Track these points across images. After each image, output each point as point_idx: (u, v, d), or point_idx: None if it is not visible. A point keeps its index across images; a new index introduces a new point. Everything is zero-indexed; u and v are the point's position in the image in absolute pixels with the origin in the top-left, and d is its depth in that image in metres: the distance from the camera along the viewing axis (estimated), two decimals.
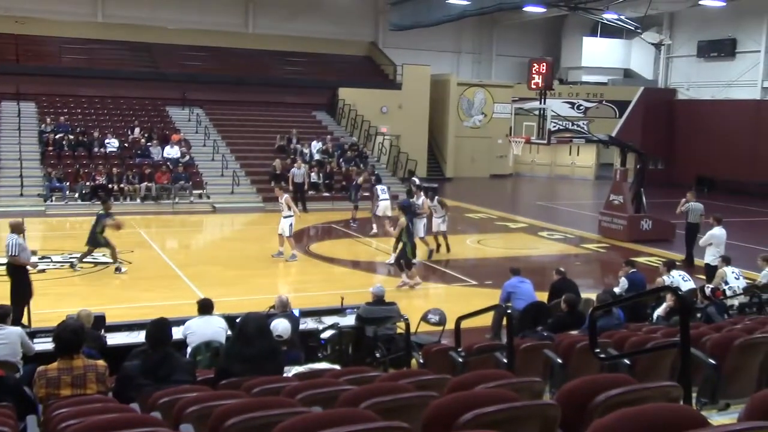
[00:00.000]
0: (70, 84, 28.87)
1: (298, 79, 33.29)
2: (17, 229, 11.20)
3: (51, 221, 21.39)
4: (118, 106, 29.54)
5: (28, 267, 11.26)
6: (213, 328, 7.93)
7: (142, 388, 5.38)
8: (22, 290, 10.81)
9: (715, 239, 14.36)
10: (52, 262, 15.70)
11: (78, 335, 5.51)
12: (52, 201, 22.88)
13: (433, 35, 35.86)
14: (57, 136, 25.51)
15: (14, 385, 5.61)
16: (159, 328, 5.87)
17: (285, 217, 16.83)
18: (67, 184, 23.39)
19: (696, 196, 17.51)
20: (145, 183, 24.16)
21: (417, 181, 20.75)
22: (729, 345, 6.16)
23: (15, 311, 10.00)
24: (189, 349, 7.77)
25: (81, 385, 5.31)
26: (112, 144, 25.96)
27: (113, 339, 8.62)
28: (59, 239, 18.84)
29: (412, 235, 15.02)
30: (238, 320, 6.78)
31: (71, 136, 25.73)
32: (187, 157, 26.15)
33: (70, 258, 15.67)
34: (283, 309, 8.89)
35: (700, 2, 30.68)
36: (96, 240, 14.89)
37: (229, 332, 7.80)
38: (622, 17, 28.61)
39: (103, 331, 8.63)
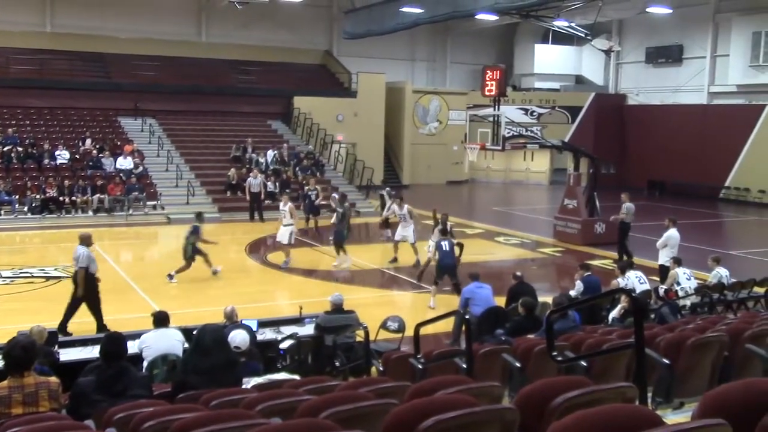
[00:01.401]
0: (19, 95, 28.28)
1: (252, 88, 33.10)
2: (86, 241, 11.71)
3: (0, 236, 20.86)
4: (69, 117, 29.00)
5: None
6: (169, 341, 7.81)
7: (96, 405, 5.27)
8: (94, 297, 11.54)
9: (671, 241, 14.65)
10: (1, 277, 15.31)
11: (28, 352, 5.36)
12: (0, 215, 22.31)
13: (387, 43, 36.01)
14: (5, 149, 24.93)
15: None
16: (113, 343, 5.76)
17: (285, 225, 16.86)
18: (17, 197, 22.85)
19: (630, 197, 17.99)
20: (98, 195, 23.74)
21: (386, 193, 20.97)
22: (682, 345, 6.28)
23: (97, 316, 11.01)
24: (145, 363, 7.64)
25: (33, 403, 5.17)
26: (63, 156, 25.47)
27: (66, 355, 8.43)
28: (8, 254, 18.41)
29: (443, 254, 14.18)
30: (194, 332, 6.69)
31: (20, 148, 25.18)
32: (141, 168, 25.78)
33: (26, 272, 15.30)
34: (230, 319, 8.80)
35: (647, 9, 31.39)
36: (195, 250, 15.25)
37: (186, 344, 7.69)
38: (573, 25, 29.10)
39: (56, 347, 8.44)
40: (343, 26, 34.82)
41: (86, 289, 11.52)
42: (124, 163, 25.63)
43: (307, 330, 9.72)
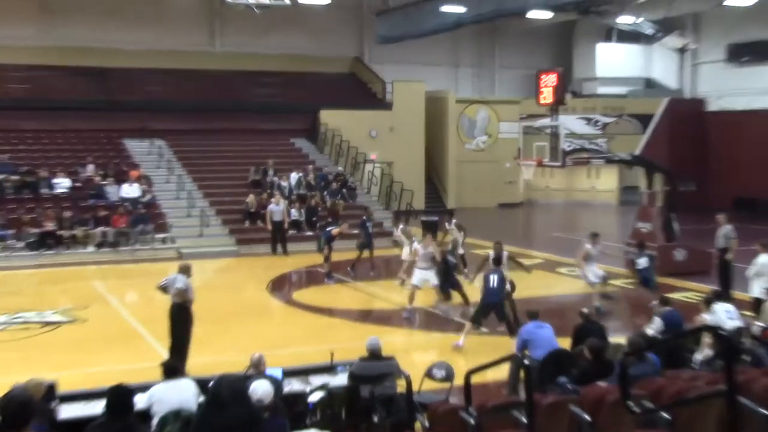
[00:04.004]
0: (12, 117, 28.90)
1: (273, 102, 33.50)
2: (187, 271, 12.76)
3: None
4: (68, 140, 29.58)
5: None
6: (182, 395, 7.82)
7: None
8: (185, 337, 12.14)
9: (764, 268, 14.34)
10: None
11: (25, 408, 5.40)
12: None
13: (426, 47, 36.20)
14: None
15: None
16: (118, 397, 5.80)
17: (421, 269, 16.42)
18: (11, 232, 23.28)
19: (728, 219, 17.72)
20: (101, 228, 24.10)
21: (402, 231, 20.83)
22: None
23: (178, 359, 10.67)
24: (155, 420, 7.66)
25: None
26: (62, 184, 25.94)
27: (67, 411, 8.50)
28: (2, 297, 18.66)
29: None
30: (210, 384, 6.70)
31: (15, 177, 25.71)
32: (148, 196, 26.15)
33: (21, 317, 15.57)
34: (256, 369, 8.80)
35: (726, 2, 31.10)
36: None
37: (202, 398, 7.70)
38: (640, 21, 28.99)
39: (55, 402, 8.51)
40: (376, 29, 35.12)
41: (180, 322, 12.17)
42: (130, 190, 26.00)
43: (340, 380, 9.67)
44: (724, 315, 11.53)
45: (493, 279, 13.91)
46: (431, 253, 16.45)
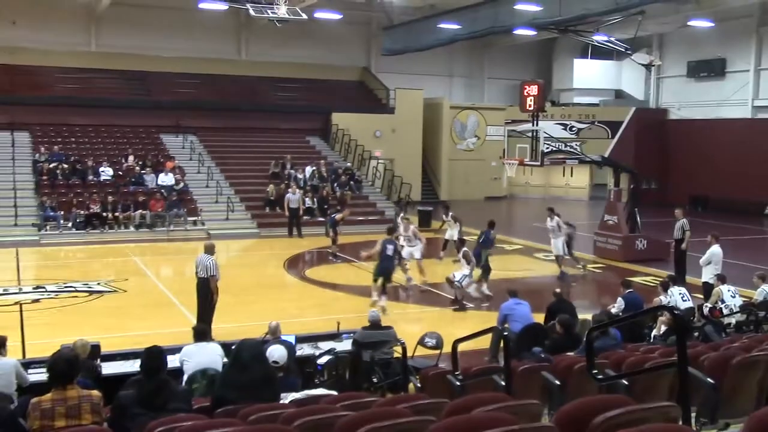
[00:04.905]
0: (64, 113, 28.89)
1: (291, 105, 33.42)
2: (211, 250, 12.37)
3: (45, 251, 21.33)
4: (112, 134, 29.57)
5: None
6: (209, 356, 7.86)
7: (137, 418, 5.33)
8: (210, 307, 12.12)
9: (714, 257, 14.36)
10: (46, 291, 15.63)
11: (72, 365, 5.46)
12: (46, 230, 22.81)
13: (425, 59, 36.07)
14: (51, 165, 25.51)
15: (8, 416, 5.55)
16: (153, 357, 5.83)
17: (411, 246, 17.05)
18: (62, 213, 23.33)
19: (684, 214, 17.71)
20: (140, 211, 24.13)
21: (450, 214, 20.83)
22: (727, 364, 6.13)
23: (205, 325, 10.50)
24: (185, 377, 7.71)
25: (76, 415, 5.26)
26: (107, 172, 25.96)
27: (108, 368, 8.55)
28: (53, 269, 18.77)
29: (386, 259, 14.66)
30: (233, 347, 6.74)
31: (65, 165, 25.73)
32: (182, 184, 26.16)
33: (70, 286, 15.63)
34: (273, 335, 8.84)
35: (689, 23, 30.97)
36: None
37: (225, 359, 7.74)
38: (612, 39, 28.83)
39: (99, 360, 8.56)
40: (382, 43, 35.00)
41: (205, 294, 12.12)
42: (166, 179, 26.03)
43: (345, 346, 9.71)
44: (679, 297, 11.56)
45: (390, 248, 14.57)
46: (410, 235, 17.24)
